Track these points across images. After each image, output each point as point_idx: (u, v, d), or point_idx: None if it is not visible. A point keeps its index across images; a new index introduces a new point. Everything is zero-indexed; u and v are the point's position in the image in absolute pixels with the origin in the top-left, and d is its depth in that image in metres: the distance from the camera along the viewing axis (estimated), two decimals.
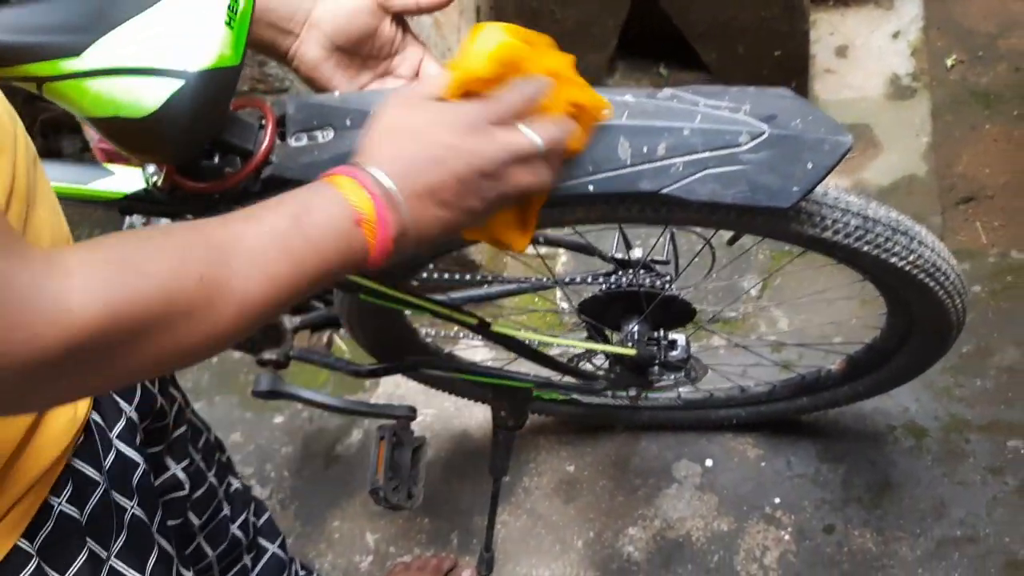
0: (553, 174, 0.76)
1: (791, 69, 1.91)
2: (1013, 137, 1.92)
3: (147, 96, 0.76)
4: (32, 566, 0.69)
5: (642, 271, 1.35)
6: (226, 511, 1.08)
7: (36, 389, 0.52)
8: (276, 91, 1.54)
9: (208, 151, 0.95)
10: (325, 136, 0.95)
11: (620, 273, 1.35)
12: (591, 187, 0.90)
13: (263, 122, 0.96)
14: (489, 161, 0.69)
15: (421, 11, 0.90)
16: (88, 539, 0.74)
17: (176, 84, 0.75)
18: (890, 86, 2.08)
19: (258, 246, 0.60)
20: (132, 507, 0.81)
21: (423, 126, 0.70)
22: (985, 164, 1.90)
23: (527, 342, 1.27)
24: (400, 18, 0.93)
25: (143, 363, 0.56)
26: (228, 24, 0.78)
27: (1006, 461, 1.54)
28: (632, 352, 1.27)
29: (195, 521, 0.98)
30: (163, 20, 0.75)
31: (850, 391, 1.48)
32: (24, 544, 0.68)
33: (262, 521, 1.12)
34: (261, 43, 0.93)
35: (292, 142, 0.95)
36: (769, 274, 1.77)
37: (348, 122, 0.94)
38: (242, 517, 1.06)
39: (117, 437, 0.82)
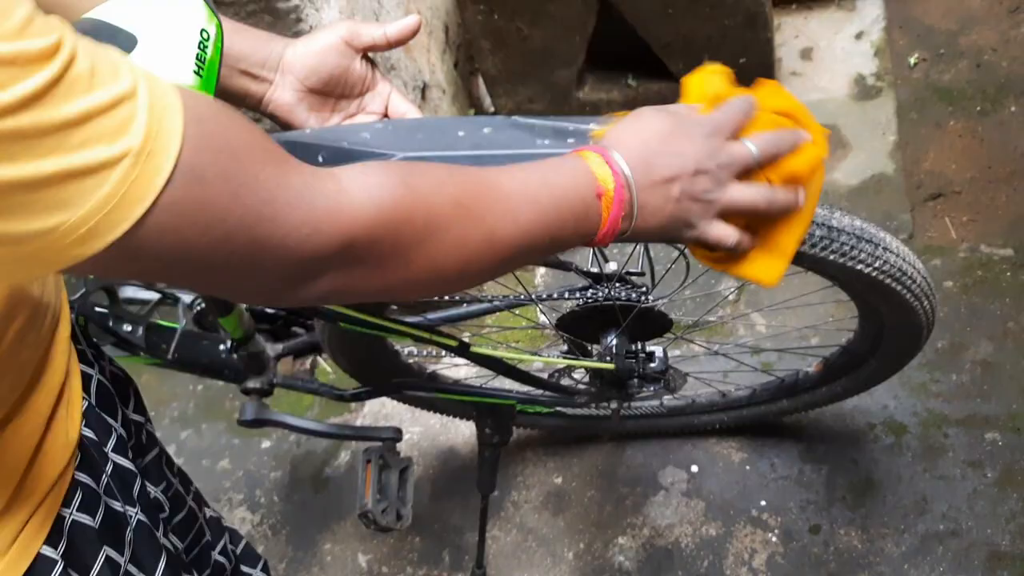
0: (781, 197, 0.79)
1: (757, 75, 1.93)
2: (977, 133, 1.95)
3: None
4: (58, 570, 0.71)
5: (618, 284, 1.37)
6: (208, 537, 1.09)
7: (310, 281, 0.58)
8: None
9: None
10: None
11: (596, 287, 1.37)
12: None
13: None
14: (715, 163, 0.75)
15: (390, 46, 0.93)
16: (104, 546, 0.76)
17: None
18: (855, 86, 2.11)
19: (510, 192, 0.68)
20: (136, 514, 0.83)
21: (667, 127, 0.76)
22: (951, 160, 1.93)
23: (507, 361, 1.29)
24: (368, 56, 0.95)
25: (403, 273, 0.62)
26: (197, 72, 0.79)
27: (984, 454, 1.57)
28: (611, 366, 1.29)
29: (178, 545, 0.99)
30: None
31: (828, 392, 1.51)
32: (47, 551, 0.70)
33: (240, 548, 1.13)
34: (234, 92, 0.95)
35: None
36: (745, 282, 1.79)
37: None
38: (221, 543, 1.08)
39: (112, 451, 0.84)
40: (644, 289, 1.36)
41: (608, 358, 1.30)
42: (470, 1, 1.85)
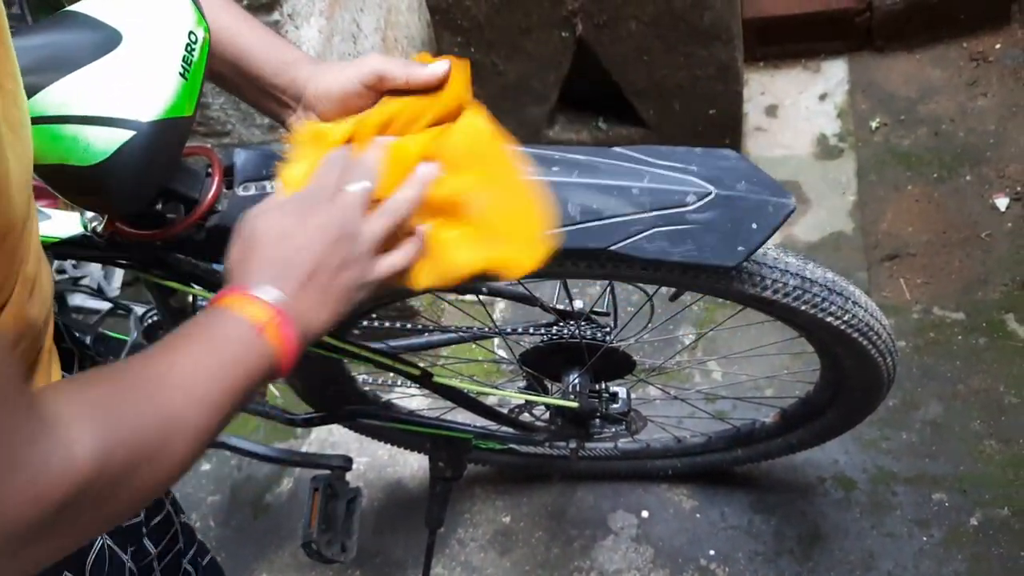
0: (410, 194, 0.78)
1: (724, 127, 1.96)
2: (933, 198, 2.00)
3: (96, 145, 0.74)
4: None
5: (583, 323, 1.36)
6: (181, 544, 1.05)
7: (35, 543, 0.53)
8: (217, 134, 1.52)
9: (155, 192, 0.94)
10: (274, 187, 0.94)
11: (562, 324, 1.36)
12: None
13: (210, 170, 0.95)
14: (339, 224, 0.73)
15: (411, 90, 0.90)
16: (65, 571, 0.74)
17: (127, 134, 0.74)
18: (818, 145, 2.15)
19: (189, 378, 0.62)
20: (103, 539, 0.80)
21: (274, 226, 0.73)
22: (908, 223, 1.97)
23: (469, 393, 1.27)
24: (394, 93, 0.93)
25: (127, 503, 0.59)
26: (182, 75, 0.77)
27: (931, 513, 1.58)
28: (574, 405, 1.27)
29: (152, 550, 0.95)
30: (116, 68, 0.74)
31: (783, 443, 1.51)
32: None
33: (206, 561, 1.09)
34: (258, 106, 0.94)
35: (239, 191, 0.94)
36: (708, 329, 1.80)
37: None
38: (191, 552, 1.04)
39: None
40: (608, 329, 1.35)
41: (571, 396, 1.29)
42: (447, 32, 1.86)
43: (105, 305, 1.42)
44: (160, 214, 0.95)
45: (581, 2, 1.77)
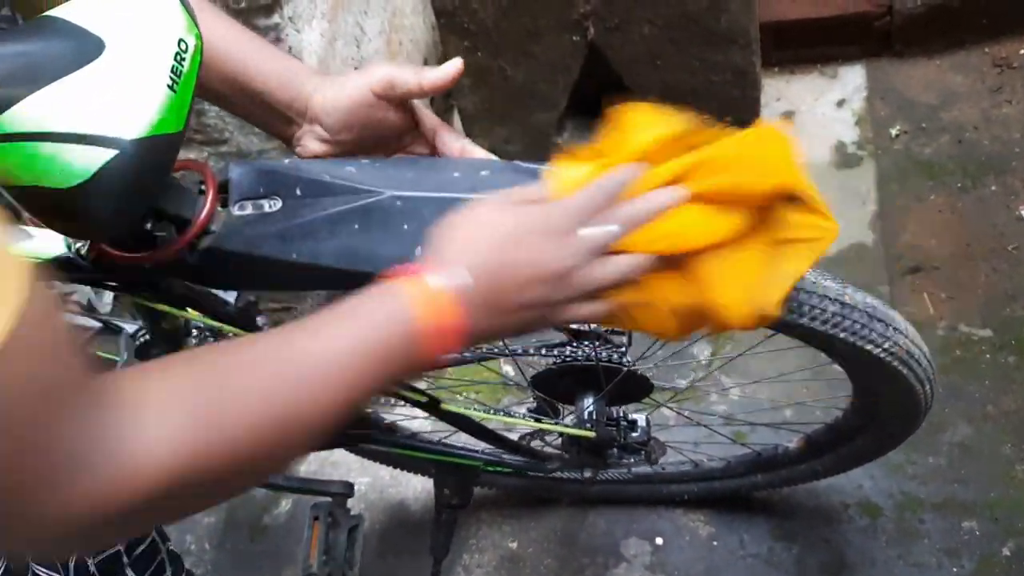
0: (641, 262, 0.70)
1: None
2: (957, 208, 1.92)
3: (75, 165, 0.67)
4: None
5: (597, 342, 1.29)
6: (168, 573, 0.99)
7: (102, 534, 0.53)
8: (214, 142, 1.45)
9: (140, 216, 0.87)
10: (272, 205, 0.87)
11: (576, 345, 1.29)
12: None
13: (203, 187, 0.88)
14: (560, 265, 0.67)
15: (425, 94, 0.84)
16: None
17: (109, 153, 0.67)
18: (836, 154, 2.08)
19: (324, 371, 0.59)
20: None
21: (503, 231, 0.68)
22: (931, 235, 1.90)
23: (482, 424, 1.20)
24: (406, 103, 0.87)
25: (223, 496, 0.59)
26: (171, 87, 0.70)
27: (961, 542, 1.51)
28: (591, 434, 1.20)
29: None
30: (98, 81, 0.67)
31: (808, 470, 1.44)
32: None
33: None
34: (264, 127, 0.88)
35: (235, 211, 0.87)
36: (735, 354, 1.73)
37: (298, 191, 0.86)
38: None
39: None
40: (624, 349, 1.28)
41: (587, 424, 1.21)
42: (453, 36, 1.78)
43: (95, 324, 1.35)
44: (150, 234, 0.88)
45: (592, 5, 1.69)
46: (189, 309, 1.04)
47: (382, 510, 1.76)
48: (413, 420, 1.63)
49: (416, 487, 1.77)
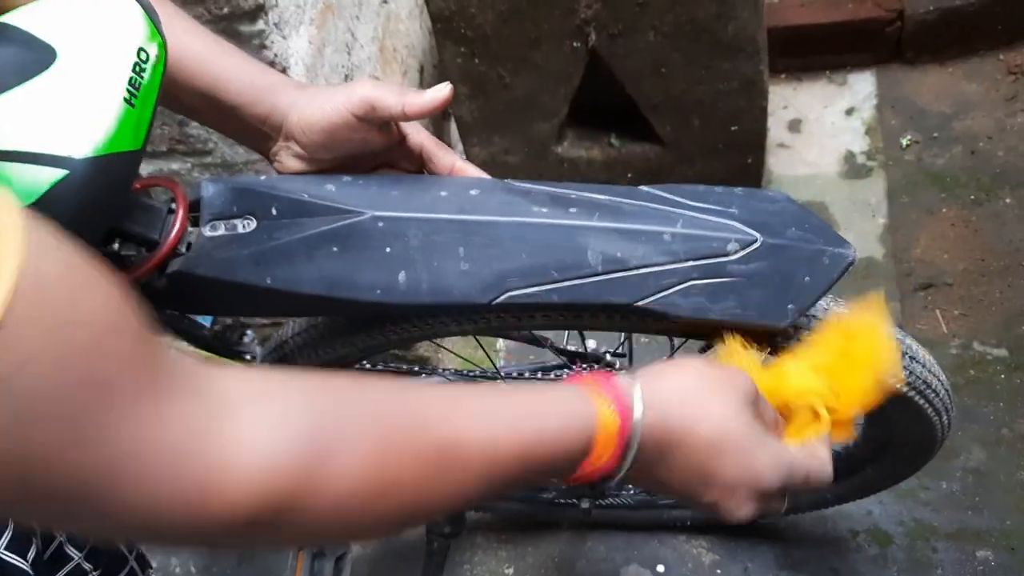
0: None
1: (747, 145, 1.83)
2: (970, 222, 1.86)
3: (22, 186, 0.61)
4: None
5: (597, 366, 1.23)
6: None
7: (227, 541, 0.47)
8: (198, 153, 1.39)
9: (106, 236, 0.81)
10: (246, 226, 0.82)
11: (573, 369, 1.23)
12: (555, 296, 0.78)
13: (173, 206, 0.82)
14: (734, 520, 0.63)
15: (408, 119, 0.78)
16: None
17: (58, 173, 0.61)
18: (845, 164, 2.02)
19: (478, 464, 0.53)
20: None
21: (732, 442, 0.61)
22: (943, 249, 1.84)
23: None
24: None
25: (372, 530, 0.53)
26: (128, 101, 0.64)
27: (976, 573, 1.44)
28: None
29: None
30: (48, 94, 0.61)
31: (814, 497, 1.37)
32: None
33: None
34: (240, 141, 0.83)
35: (206, 231, 0.81)
36: None
37: (274, 211, 0.81)
38: None
39: (5, 548, 0.71)
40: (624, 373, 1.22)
41: None
42: (450, 42, 1.72)
43: None
44: (116, 255, 0.83)
45: (594, 11, 1.63)
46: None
47: None
48: None
49: None
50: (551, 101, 1.81)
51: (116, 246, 0.82)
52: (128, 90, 0.64)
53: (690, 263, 0.77)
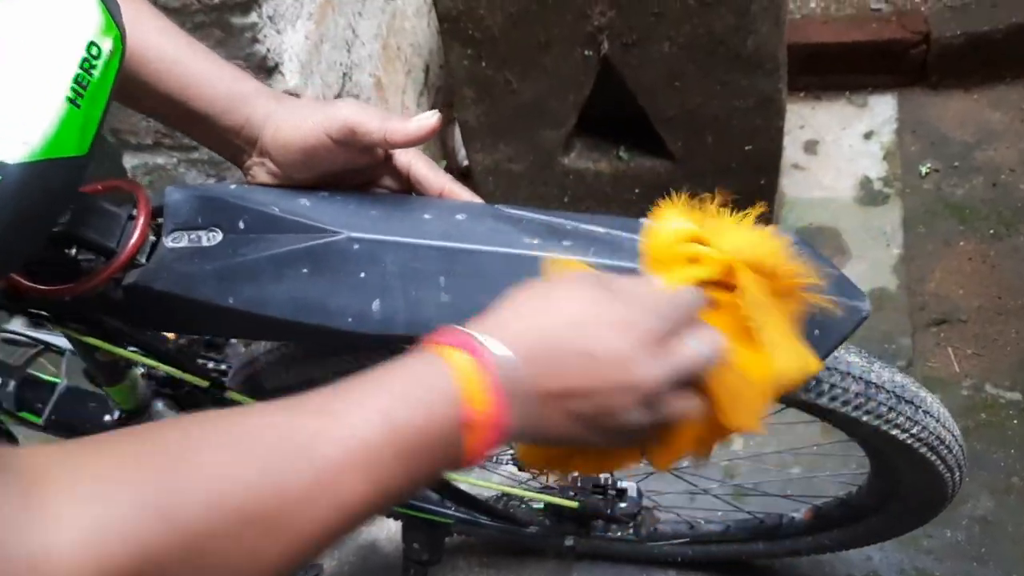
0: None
1: (761, 165, 1.76)
2: (988, 257, 1.79)
3: None
4: None
5: None
6: None
7: None
8: (184, 148, 1.33)
9: (62, 241, 0.75)
10: (210, 239, 0.75)
11: None
12: None
13: (134, 212, 0.76)
14: (653, 383, 0.54)
15: (390, 147, 0.72)
16: None
17: None
18: (861, 189, 1.95)
19: (334, 464, 0.46)
20: None
21: (587, 313, 0.55)
22: (959, 284, 1.76)
23: (452, 483, 1.07)
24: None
25: None
26: (72, 101, 0.57)
27: None
28: (574, 504, 1.07)
29: None
30: None
31: (813, 542, 1.31)
32: None
33: None
34: (217, 152, 0.76)
35: (168, 242, 0.75)
36: None
37: (242, 224, 0.74)
38: None
39: None
40: None
41: (571, 491, 1.09)
42: (457, 43, 1.66)
43: (33, 341, 1.22)
44: (73, 262, 0.77)
45: (608, 18, 1.57)
46: (129, 348, 0.92)
47: (352, 551, 1.63)
48: None
49: (390, 527, 1.64)
50: (559, 109, 1.74)
51: (74, 252, 0.76)
52: (74, 89, 0.57)
53: None
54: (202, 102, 0.72)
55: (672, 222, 0.66)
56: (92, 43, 0.59)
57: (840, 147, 2.02)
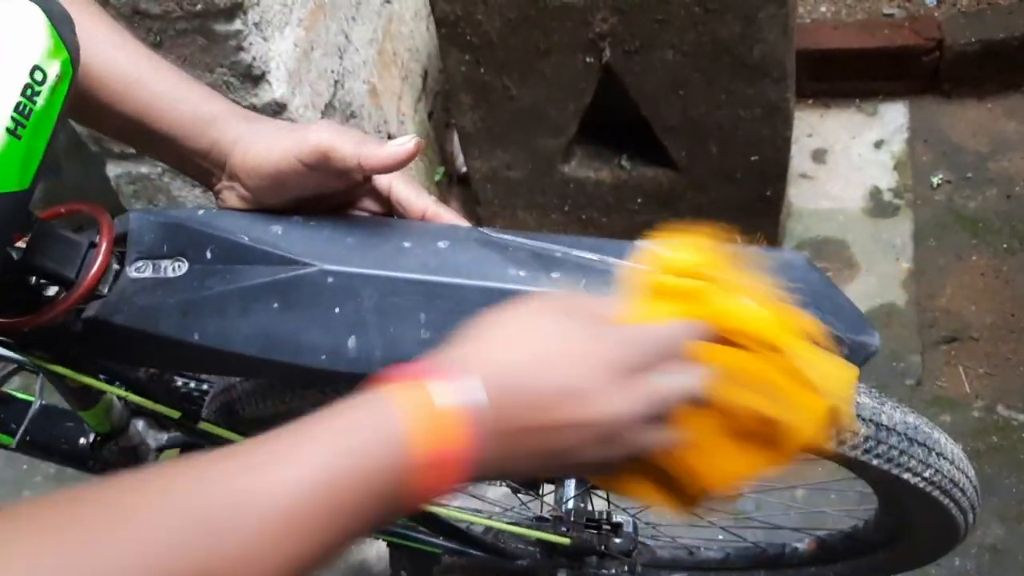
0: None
1: (767, 176, 1.71)
2: (1001, 272, 1.74)
3: None
4: None
5: None
6: None
7: None
8: None
9: (21, 270, 0.70)
10: (176, 269, 0.70)
11: None
12: None
13: (96, 240, 0.71)
14: (616, 419, 0.51)
15: (365, 173, 0.67)
16: None
17: None
18: (870, 200, 1.89)
19: (263, 529, 0.42)
20: None
21: (552, 344, 0.52)
22: (970, 300, 1.71)
23: (437, 515, 1.02)
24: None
25: None
26: (12, 132, 0.52)
27: None
28: (566, 541, 1.02)
29: None
30: None
31: (816, 574, 1.26)
32: None
33: None
34: (186, 173, 0.72)
35: (131, 272, 0.70)
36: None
37: (209, 254, 0.69)
38: None
39: None
40: None
41: (563, 527, 1.04)
42: (455, 48, 1.61)
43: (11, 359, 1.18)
44: (35, 291, 0.72)
45: (610, 24, 1.52)
46: (101, 376, 0.88)
47: (341, 571, 1.59)
48: None
49: (381, 546, 1.59)
50: (559, 116, 1.69)
51: (33, 281, 0.72)
52: (14, 118, 0.52)
53: None
54: (164, 124, 0.67)
55: (669, 249, 0.61)
56: (37, 67, 0.54)
57: (849, 156, 1.97)
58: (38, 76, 0.54)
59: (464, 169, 1.89)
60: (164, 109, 0.67)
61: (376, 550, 1.60)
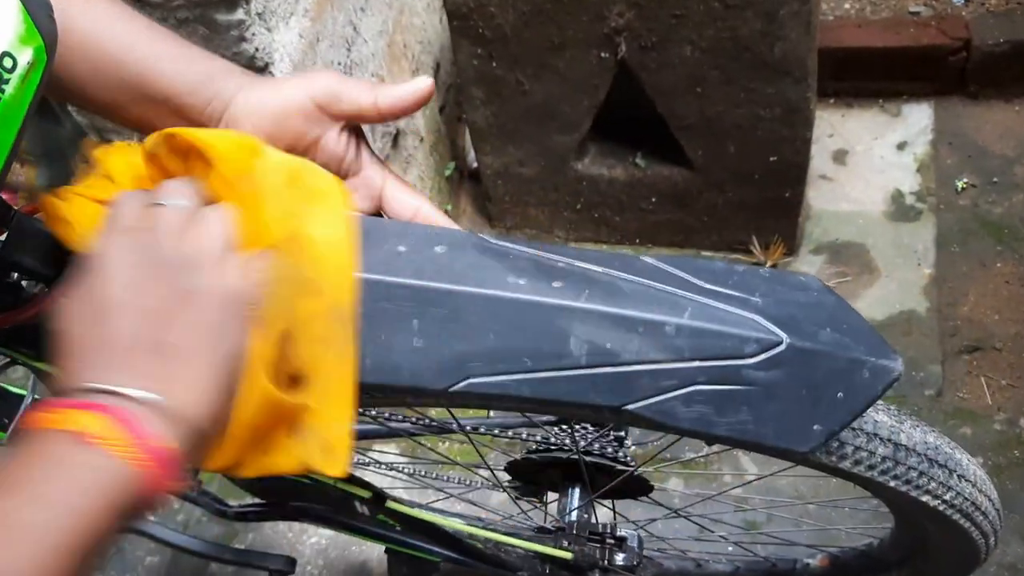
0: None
1: (786, 177, 1.66)
2: None
3: None
4: None
5: (591, 430, 1.08)
6: None
7: None
8: None
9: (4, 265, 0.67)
10: None
11: (564, 428, 1.08)
12: (526, 389, 0.63)
13: None
14: (145, 251, 0.52)
15: (380, 115, 0.64)
16: None
17: None
18: (892, 203, 1.84)
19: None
20: None
21: (75, 303, 0.52)
22: (994, 308, 1.66)
23: (436, 525, 0.99)
24: (354, 130, 0.67)
25: None
26: None
27: None
28: (567, 555, 0.99)
29: None
30: None
31: None
32: None
33: None
34: None
35: None
36: (752, 477, 1.50)
37: None
38: None
39: None
40: (630, 446, 1.07)
41: (565, 540, 1.00)
42: (466, 41, 1.57)
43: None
44: (15, 288, 0.69)
45: (627, 19, 1.47)
46: None
47: (342, 571, 1.56)
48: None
49: (380, 550, 1.56)
50: (573, 112, 1.65)
51: (15, 277, 0.69)
52: None
53: (696, 363, 0.61)
54: (163, 83, 0.64)
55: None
56: (7, 54, 0.51)
57: (871, 158, 1.92)
58: (7, 63, 0.51)
59: (475, 165, 1.86)
60: (163, 68, 0.64)
61: (377, 552, 1.57)
